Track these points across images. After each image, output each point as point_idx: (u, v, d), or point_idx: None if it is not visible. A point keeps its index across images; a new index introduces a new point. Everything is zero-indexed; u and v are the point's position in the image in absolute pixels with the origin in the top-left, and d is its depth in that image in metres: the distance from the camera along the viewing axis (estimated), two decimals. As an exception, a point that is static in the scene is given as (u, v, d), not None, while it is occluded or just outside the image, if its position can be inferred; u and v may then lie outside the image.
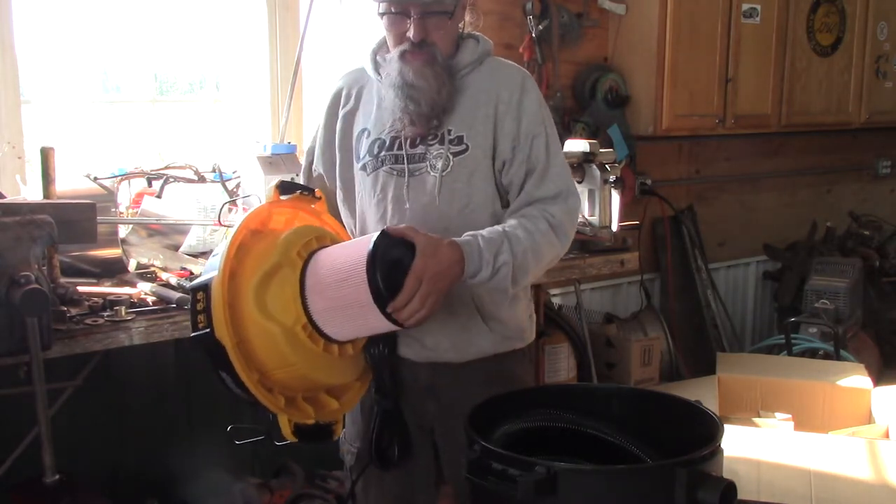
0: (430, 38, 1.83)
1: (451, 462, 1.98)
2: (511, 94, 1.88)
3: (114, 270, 2.61)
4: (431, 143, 1.87)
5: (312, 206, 1.90)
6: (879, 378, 3.84)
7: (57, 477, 2.11)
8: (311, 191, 1.87)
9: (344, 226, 2.01)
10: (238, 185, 2.91)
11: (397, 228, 1.70)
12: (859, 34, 4.75)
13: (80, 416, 2.62)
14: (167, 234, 2.84)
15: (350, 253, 1.68)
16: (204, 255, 2.84)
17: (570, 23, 3.92)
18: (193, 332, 1.63)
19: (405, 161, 1.88)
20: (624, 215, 3.24)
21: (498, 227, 1.80)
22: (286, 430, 1.71)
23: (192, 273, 2.66)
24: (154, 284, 2.51)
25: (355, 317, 1.68)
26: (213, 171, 2.96)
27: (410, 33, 1.81)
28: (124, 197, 2.87)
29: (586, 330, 3.68)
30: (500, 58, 1.99)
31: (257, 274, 1.65)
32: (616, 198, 3.14)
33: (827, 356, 3.92)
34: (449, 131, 1.87)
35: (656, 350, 3.81)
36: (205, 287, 1.62)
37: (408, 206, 1.88)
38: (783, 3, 4.34)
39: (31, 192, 2.61)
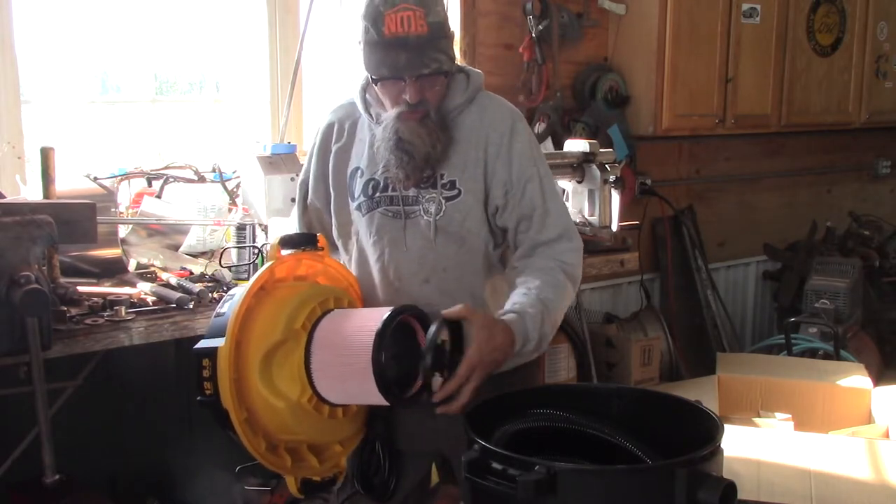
0: (426, 95, 1.81)
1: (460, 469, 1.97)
2: (501, 136, 1.87)
3: (114, 270, 2.61)
4: (424, 186, 1.86)
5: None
6: (879, 378, 3.84)
7: (57, 477, 2.11)
8: (313, 243, 1.85)
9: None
10: (238, 185, 2.92)
11: (455, 312, 1.66)
12: (859, 34, 4.75)
13: (80, 416, 2.62)
14: (167, 234, 2.85)
15: (355, 335, 1.65)
16: (203, 254, 2.85)
17: (570, 23, 3.92)
18: (200, 396, 1.64)
19: (401, 203, 1.88)
20: (624, 215, 3.25)
21: (532, 295, 1.77)
22: (292, 487, 1.75)
23: (191, 273, 2.66)
24: (154, 284, 2.51)
25: (361, 397, 1.69)
26: (213, 171, 2.96)
27: (407, 96, 1.79)
28: (124, 197, 2.87)
29: (586, 330, 3.68)
30: (491, 94, 1.97)
31: (262, 348, 1.65)
32: (616, 198, 3.14)
33: (827, 356, 3.92)
34: (441, 175, 1.86)
35: (656, 350, 3.81)
36: (211, 355, 1.62)
37: (406, 248, 1.88)
38: (783, 3, 4.34)
39: (31, 192, 2.61)
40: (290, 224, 2.13)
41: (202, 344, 1.65)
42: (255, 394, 1.65)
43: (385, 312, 1.65)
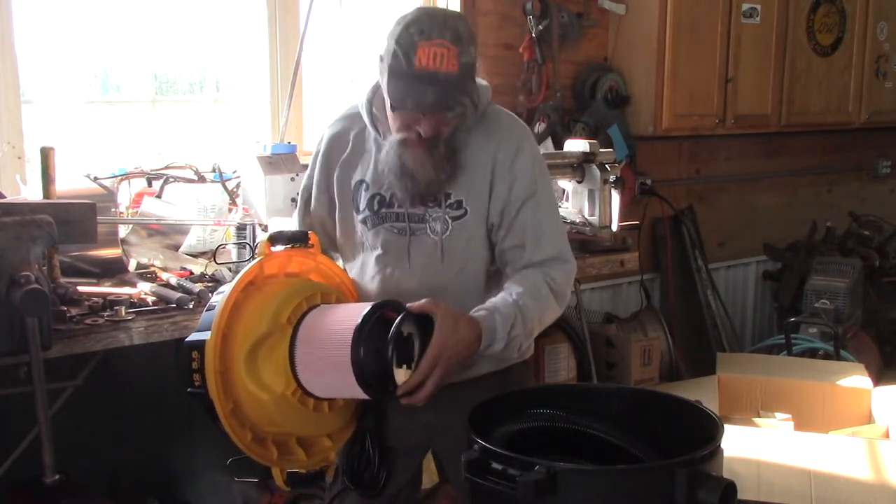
0: (440, 130, 1.78)
1: (452, 466, 1.97)
2: (507, 155, 1.85)
3: (114, 270, 2.61)
4: (431, 205, 1.86)
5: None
6: (879, 378, 3.84)
7: (57, 477, 2.11)
8: (304, 240, 1.85)
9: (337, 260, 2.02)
10: (238, 185, 2.91)
11: (419, 306, 1.68)
12: (859, 34, 4.75)
13: (80, 416, 2.62)
14: (167, 234, 2.85)
15: (337, 329, 1.67)
16: (203, 254, 2.85)
17: (570, 23, 3.92)
18: (189, 388, 1.67)
19: (406, 220, 1.87)
20: (624, 215, 3.25)
21: (509, 299, 1.78)
22: (279, 479, 1.78)
23: (191, 273, 2.66)
24: (154, 284, 2.51)
25: (344, 391, 1.71)
26: (213, 171, 2.96)
27: (421, 130, 1.76)
28: (124, 197, 2.87)
29: (586, 330, 3.68)
30: (499, 108, 1.94)
31: (248, 340, 1.67)
32: (616, 198, 3.14)
33: (827, 356, 3.91)
34: (448, 195, 1.85)
35: (656, 350, 3.81)
36: (199, 347, 1.65)
37: (409, 265, 1.88)
38: (783, 3, 4.34)
39: (31, 192, 2.61)
40: (291, 224, 2.13)
41: (192, 337, 1.68)
42: (241, 386, 1.67)
43: (366, 308, 1.66)
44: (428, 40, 1.68)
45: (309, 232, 1.88)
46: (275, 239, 1.81)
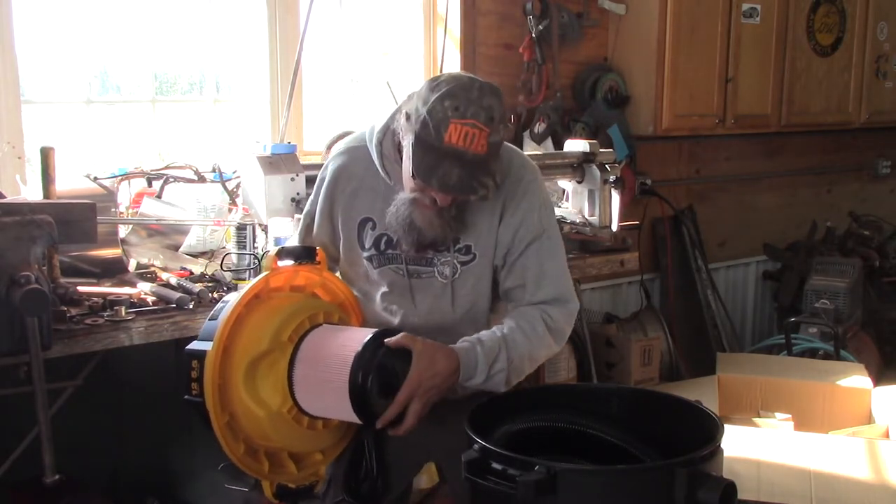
0: (454, 200, 1.78)
1: (452, 472, 1.96)
2: (514, 199, 1.86)
3: (114, 270, 2.61)
4: (440, 249, 1.86)
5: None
6: (879, 378, 3.84)
7: (57, 477, 2.11)
8: (311, 257, 1.85)
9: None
10: (238, 185, 2.91)
11: (395, 341, 1.69)
12: (859, 34, 4.75)
13: (80, 416, 2.61)
14: (167, 234, 2.85)
15: (337, 353, 1.68)
16: (203, 254, 2.85)
17: (570, 23, 3.92)
18: (187, 395, 1.68)
19: (414, 263, 1.88)
20: (624, 215, 3.25)
21: (497, 333, 1.79)
22: (268, 492, 1.79)
23: (191, 273, 2.66)
24: (154, 284, 2.51)
25: (339, 413, 1.72)
26: (213, 171, 2.96)
27: (438, 199, 1.74)
28: (124, 197, 2.87)
29: (586, 330, 3.68)
30: (511, 148, 1.92)
31: (249, 356, 1.68)
32: (616, 198, 3.14)
33: (827, 356, 3.92)
34: (456, 240, 1.85)
35: (656, 350, 3.81)
36: (200, 357, 1.66)
37: (415, 306, 1.89)
38: (783, 3, 4.34)
39: (31, 192, 2.61)
40: (291, 232, 2.12)
41: (193, 345, 1.69)
42: (238, 400, 1.68)
43: (368, 334, 1.68)
44: (462, 119, 1.66)
45: (317, 248, 1.88)
46: (282, 254, 1.82)
